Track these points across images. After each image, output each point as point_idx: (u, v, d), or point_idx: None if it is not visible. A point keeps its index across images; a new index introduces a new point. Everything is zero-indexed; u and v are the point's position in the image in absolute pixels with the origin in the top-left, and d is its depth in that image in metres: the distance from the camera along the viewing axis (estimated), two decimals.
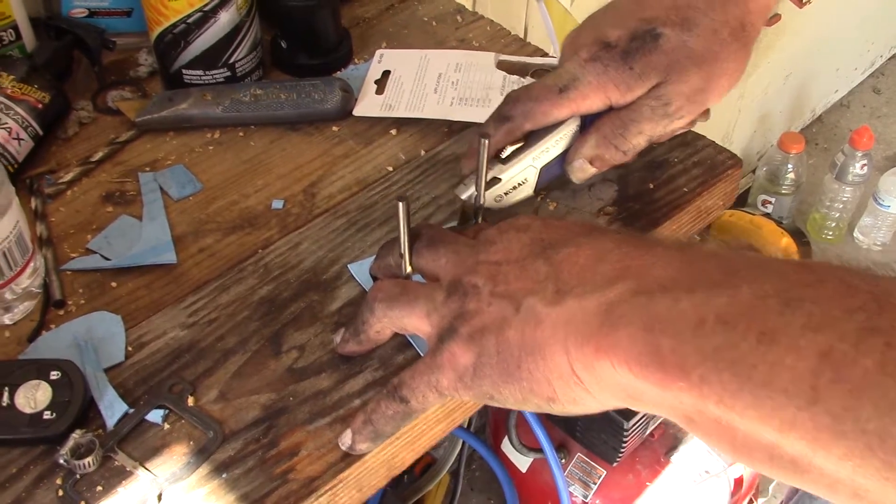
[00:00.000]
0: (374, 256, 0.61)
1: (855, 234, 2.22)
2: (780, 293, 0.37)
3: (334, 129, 0.73)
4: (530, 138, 0.60)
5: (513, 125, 0.59)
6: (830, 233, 2.20)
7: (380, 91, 0.74)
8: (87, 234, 0.65)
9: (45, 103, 0.68)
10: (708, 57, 0.56)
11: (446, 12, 0.85)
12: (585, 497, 1.24)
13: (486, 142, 0.58)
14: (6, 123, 0.65)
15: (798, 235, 2.00)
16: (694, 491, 1.24)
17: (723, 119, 2.05)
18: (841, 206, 2.15)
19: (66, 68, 0.73)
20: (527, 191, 0.62)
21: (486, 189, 0.59)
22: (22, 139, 0.66)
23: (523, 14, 1.19)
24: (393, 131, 0.72)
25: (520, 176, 0.61)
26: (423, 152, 0.71)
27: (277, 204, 0.67)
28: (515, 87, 0.73)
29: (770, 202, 2.13)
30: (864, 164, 2.06)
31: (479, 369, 0.47)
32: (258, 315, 0.60)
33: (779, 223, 1.98)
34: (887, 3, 2.38)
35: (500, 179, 0.60)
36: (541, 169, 0.61)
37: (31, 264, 0.59)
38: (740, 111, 2.09)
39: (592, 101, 0.58)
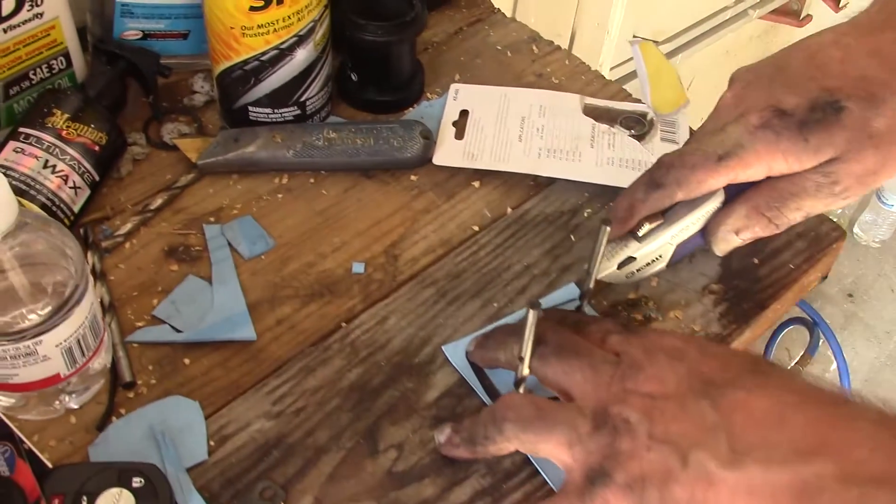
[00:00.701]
0: (469, 337, 0.57)
1: (854, 230, 2.21)
2: None
3: (412, 178, 0.67)
4: (671, 211, 0.56)
5: (664, 193, 0.53)
6: None
7: (459, 135, 0.69)
8: (151, 297, 0.59)
9: (101, 145, 0.61)
10: (887, 138, 0.50)
11: (520, 40, 0.79)
12: None
13: (607, 229, 0.53)
14: (61, 170, 0.59)
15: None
16: None
17: None
18: None
19: (120, 99, 0.66)
20: (660, 265, 0.58)
21: (619, 268, 0.56)
22: (78, 187, 0.60)
23: (570, 21, 1.13)
24: (476, 183, 0.67)
25: (655, 253, 0.56)
26: (509, 210, 0.65)
27: (358, 268, 0.61)
28: (605, 136, 0.68)
29: None
30: None
31: None
32: (349, 404, 0.55)
33: None
34: None
35: (634, 258, 0.56)
36: (677, 245, 0.57)
37: (104, 344, 0.53)
38: None
39: (754, 171, 0.52)
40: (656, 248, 0.56)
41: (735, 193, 0.55)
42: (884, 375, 2.02)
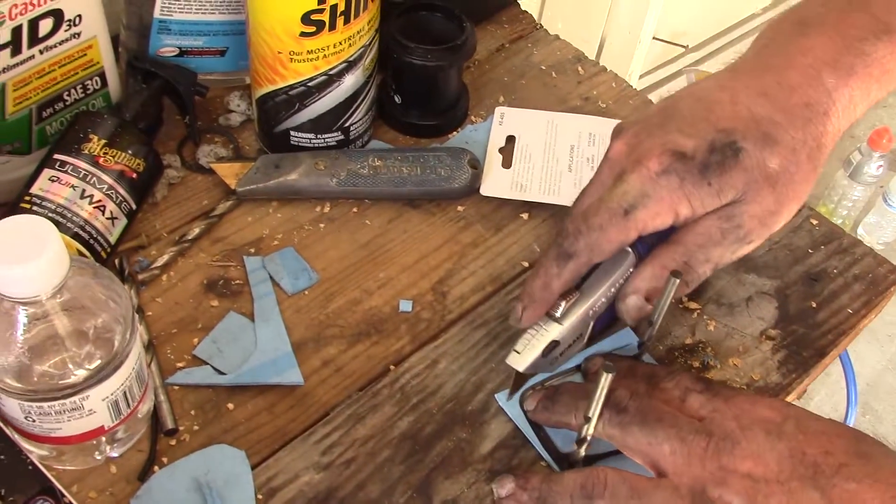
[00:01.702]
0: (526, 387, 0.55)
1: (859, 232, 2.20)
2: None
3: (459, 208, 0.64)
4: (585, 284, 0.52)
5: (577, 262, 0.50)
6: None
7: (506, 164, 0.66)
8: (191, 334, 0.56)
9: (139, 172, 0.58)
10: (783, 178, 0.49)
11: (564, 60, 0.76)
12: None
13: (677, 281, 0.50)
14: (98, 200, 0.56)
15: None
16: None
17: None
18: (850, 204, 2.12)
19: (156, 120, 0.63)
20: (580, 346, 0.54)
21: (542, 355, 0.51)
22: (115, 217, 0.57)
23: (599, 28, 1.10)
24: (524, 215, 0.65)
25: (577, 332, 0.52)
26: None
27: (406, 306, 0.59)
28: None
29: None
30: (881, 165, 2.03)
31: None
32: (401, 456, 0.52)
33: None
34: None
35: (558, 342, 0.51)
36: (594, 320, 0.53)
37: (148, 392, 0.51)
38: None
39: (662, 220, 0.49)
40: (577, 326, 0.52)
41: (644, 254, 0.52)
42: (886, 379, 2.02)
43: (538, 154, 0.67)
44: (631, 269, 0.52)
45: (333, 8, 0.56)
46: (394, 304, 0.59)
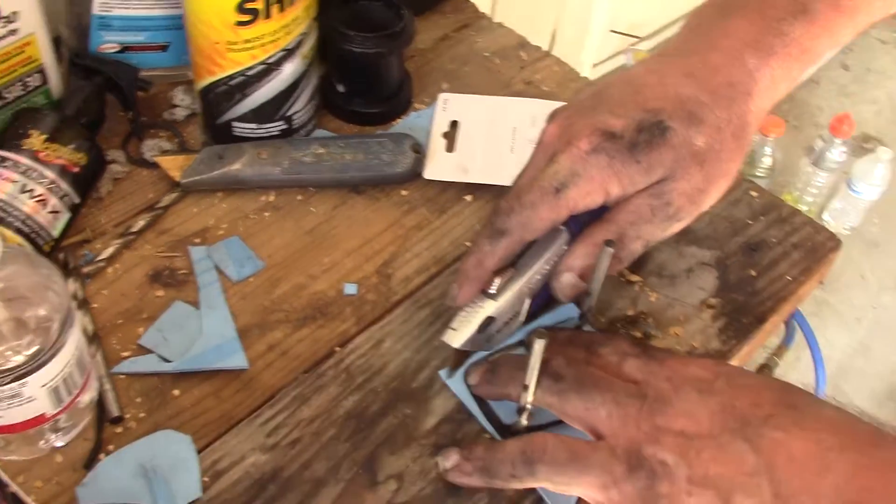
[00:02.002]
0: (469, 363, 0.55)
1: (825, 217, 2.23)
2: None
3: (403, 193, 0.65)
4: (520, 262, 0.53)
5: (510, 240, 0.51)
6: None
7: (450, 148, 0.67)
8: (137, 325, 0.57)
9: (81, 165, 0.59)
10: (710, 156, 0.50)
11: (508, 46, 0.77)
12: None
13: (610, 250, 0.52)
14: (39, 194, 0.56)
15: None
16: None
17: None
18: (815, 191, 2.14)
19: (98, 115, 0.63)
20: (518, 322, 0.54)
21: (480, 331, 0.52)
22: (57, 211, 0.57)
23: (551, 19, 1.12)
24: (468, 197, 0.66)
25: (513, 309, 0.53)
26: None
27: (350, 289, 0.60)
28: None
29: None
30: (843, 152, 2.05)
31: None
32: (346, 434, 0.53)
33: None
34: None
35: (493, 318, 0.52)
36: (531, 297, 0.54)
37: (91, 380, 0.51)
38: None
39: (593, 198, 0.51)
40: (513, 303, 0.53)
41: (578, 233, 0.53)
42: (856, 362, 2.04)
43: (481, 137, 0.68)
44: (565, 247, 0.53)
45: None
46: (339, 288, 0.60)
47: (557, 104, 0.71)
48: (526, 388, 0.49)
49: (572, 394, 0.47)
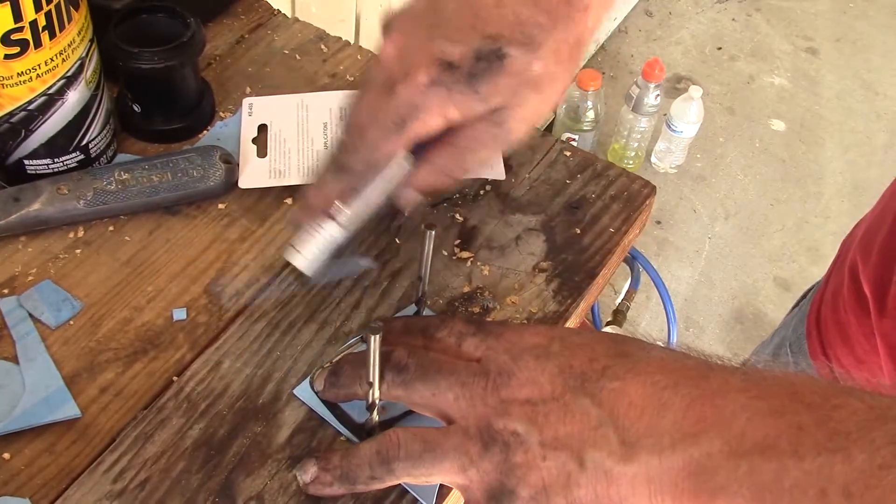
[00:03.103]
0: (314, 373, 0.54)
1: (652, 160, 2.32)
2: None
3: (220, 206, 0.63)
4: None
5: (354, 177, 0.52)
6: (630, 161, 2.29)
7: (262, 153, 0.66)
8: None
9: None
10: (546, 79, 0.52)
11: (307, 41, 0.76)
12: None
13: (432, 233, 0.52)
14: None
15: None
16: None
17: None
18: (639, 135, 2.23)
19: None
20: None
21: (319, 252, 0.54)
22: None
23: (353, 7, 1.11)
24: (288, 200, 0.64)
25: (354, 231, 0.54)
26: None
27: (180, 314, 0.57)
28: None
29: (574, 139, 2.17)
30: (658, 95, 2.14)
31: None
32: (197, 464, 0.51)
33: None
34: None
35: (337, 238, 0.54)
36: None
37: None
38: None
39: (432, 127, 0.52)
40: (356, 224, 0.54)
41: (418, 152, 0.54)
42: (701, 292, 2.15)
43: (292, 138, 0.67)
44: (406, 165, 0.54)
45: (33, 24, 0.53)
46: (167, 316, 0.57)
47: None
48: (371, 384, 0.48)
49: (417, 382, 0.47)
